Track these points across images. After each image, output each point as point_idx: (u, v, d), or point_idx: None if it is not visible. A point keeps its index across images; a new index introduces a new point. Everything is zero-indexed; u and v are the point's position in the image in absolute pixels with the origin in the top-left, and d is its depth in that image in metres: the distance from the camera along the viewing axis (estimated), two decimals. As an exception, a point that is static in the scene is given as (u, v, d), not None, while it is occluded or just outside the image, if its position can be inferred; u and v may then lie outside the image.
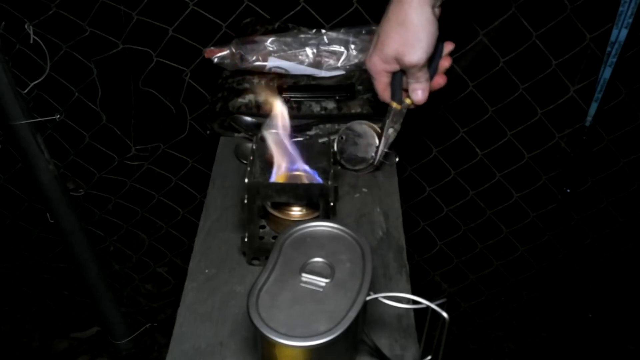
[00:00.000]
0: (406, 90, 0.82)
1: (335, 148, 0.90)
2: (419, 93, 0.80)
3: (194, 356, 0.67)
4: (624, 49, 1.05)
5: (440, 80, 0.82)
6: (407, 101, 0.83)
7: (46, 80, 1.07)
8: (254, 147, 0.76)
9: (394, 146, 0.89)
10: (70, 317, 1.66)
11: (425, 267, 1.56)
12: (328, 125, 0.99)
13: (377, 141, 0.88)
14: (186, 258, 0.82)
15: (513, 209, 1.38)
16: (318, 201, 0.72)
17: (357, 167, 0.91)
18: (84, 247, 1.31)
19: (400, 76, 0.81)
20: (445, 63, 0.81)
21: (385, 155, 0.89)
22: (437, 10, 0.74)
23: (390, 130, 0.85)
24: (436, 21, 0.73)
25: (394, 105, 0.83)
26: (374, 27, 1.07)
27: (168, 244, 1.54)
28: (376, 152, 0.87)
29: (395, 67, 0.78)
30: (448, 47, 0.81)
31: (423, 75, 0.78)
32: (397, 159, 0.94)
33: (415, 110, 0.85)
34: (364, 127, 0.89)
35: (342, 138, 0.90)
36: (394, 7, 0.74)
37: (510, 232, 1.43)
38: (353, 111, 0.99)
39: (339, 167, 0.92)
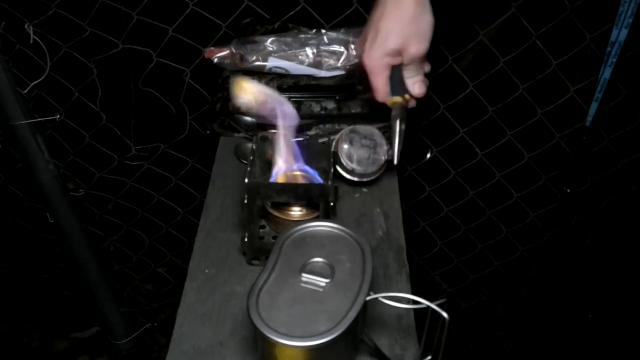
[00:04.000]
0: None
1: (343, 155, 0.86)
2: (419, 85, 0.81)
3: (194, 356, 0.67)
4: (624, 49, 1.05)
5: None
6: (406, 96, 0.82)
7: (46, 80, 1.07)
8: (254, 147, 0.76)
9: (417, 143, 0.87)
10: (70, 317, 1.66)
11: (425, 267, 1.56)
12: (328, 125, 0.99)
13: (384, 141, 0.86)
14: (186, 258, 0.82)
15: (513, 209, 1.38)
16: (318, 201, 0.72)
17: (370, 171, 0.86)
18: (84, 247, 1.31)
19: (398, 70, 0.80)
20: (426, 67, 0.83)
21: (422, 151, 0.87)
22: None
23: (403, 126, 0.82)
24: (430, 9, 0.75)
25: (399, 99, 0.82)
26: (374, 27, 1.07)
27: (168, 244, 1.54)
28: (392, 153, 0.83)
29: (397, 60, 0.78)
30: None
31: (422, 67, 0.80)
32: (431, 153, 0.91)
33: (415, 110, 0.85)
34: (369, 128, 0.87)
35: (349, 142, 0.86)
36: (396, 3, 0.75)
37: (510, 232, 1.43)
38: (353, 111, 0.99)
39: (348, 177, 0.86)
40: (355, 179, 0.87)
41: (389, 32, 0.75)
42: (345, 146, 0.86)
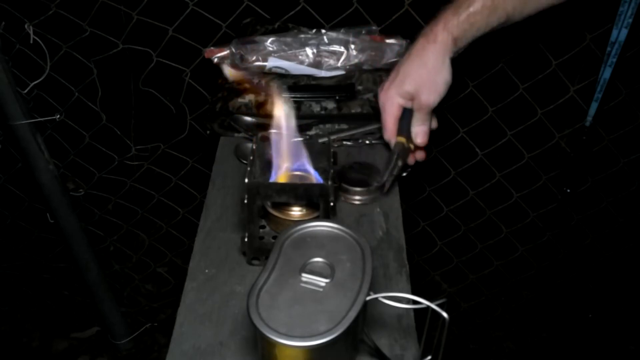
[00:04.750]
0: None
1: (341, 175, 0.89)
2: (422, 135, 0.85)
3: (194, 356, 0.67)
4: (624, 49, 1.05)
5: (421, 156, 0.90)
6: (409, 142, 0.86)
7: (46, 80, 1.07)
8: (254, 147, 0.76)
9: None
10: (70, 317, 1.66)
11: (425, 267, 1.56)
12: (328, 125, 0.99)
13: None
14: (186, 258, 0.82)
15: (513, 209, 1.38)
16: (318, 201, 0.72)
17: (361, 191, 0.88)
18: (84, 247, 1.31)
19: (409, 114, 0.84)
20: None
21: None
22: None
23: (400, 163, 0.86)
24: (451, 70, 0.80)
25: (402, 139, 0.86)
26: (374, 27, 1.07)
27: (168, 244, 1.54)
28: (384, 182, 0.87)
29: (408, 104, 0.83)
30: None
31: (428, 118, 0.84)
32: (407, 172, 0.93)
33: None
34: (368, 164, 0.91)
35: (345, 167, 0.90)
36: (417, 49, 0.81)
37: (510, 232, 1.43)
38: (353, 111, 0.99)
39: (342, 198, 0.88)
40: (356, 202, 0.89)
41: (407, 75, 0.82)
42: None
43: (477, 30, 0.80)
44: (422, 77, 0.81)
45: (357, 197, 0.88)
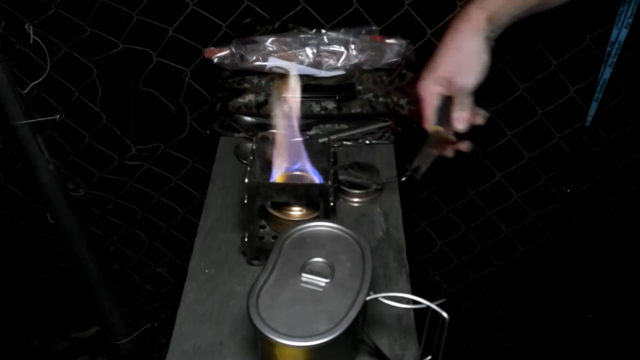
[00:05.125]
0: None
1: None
2: (461, 120, 0.81)
3: (194, 356, 0.67)
4: (624, 49, 1.05)
5: (465, 146, 0.87)
6: (444, 130, 0.82)
7: (46, 80, 1.07)
8: (254, 147, 0.76)
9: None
10: (70, 317, 1.66)
11: (425, 267, 1.56)
12: (328, 125, 0.99)
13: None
14: (186, 258, 0.82)
15: (513, 209, 1.38)
16: (318, 201, 0.72)
17: (360, 193, 0.88)
18: (84, 247, 1.31)
19: (448, 103, 0.80)
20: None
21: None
22: (491, 43, 0.77)
23: (435, 152, 0.83)
24: (488, 51, 0.76)
25: (438, 129, 0.82)
26: (374, 27, 1.07)
27: (168, 244, 1.54)
28: (418, 172, 0.85)
29: (445, 90, 0.79)
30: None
31: (468, 102, 0.80)
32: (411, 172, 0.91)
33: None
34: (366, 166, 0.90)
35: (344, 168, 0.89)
36: (450, 31, 0.77)
37: (510, 232, 1.43)
38: (353, 111, 0.99)
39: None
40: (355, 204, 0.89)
41: (440, 60, 0.78)
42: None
43: (515, 7, 0.75)
44: (455, 59, 0.77)
45: (356, 200, 0.88)
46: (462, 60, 0.76)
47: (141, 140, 1.33)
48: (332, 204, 0.70)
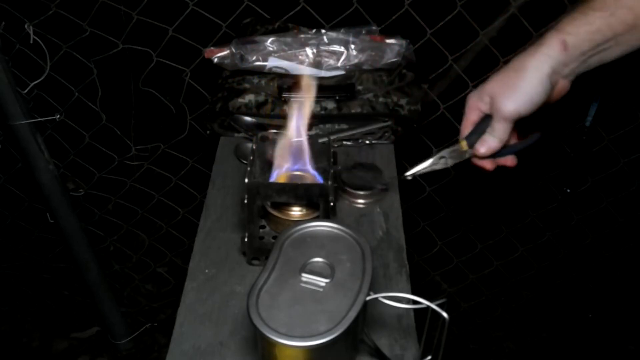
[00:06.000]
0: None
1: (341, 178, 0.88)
2: (484, 145, 0.74)
3: (194, 356, 0.67)
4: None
5: (512, 161, 0.79)
6: (470, 149, 0.77)
7: (46, 80, 1.07)
8: (254, 147, 0.76)
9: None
10: (70, 317, 1.66)
11: (425, 267, 1.56)
12: (328, 125, 0.99)
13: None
14: (186, 258, 0.82)
15: (513, 209, 1.38)
16: (318, 201, 0.72)
17: (364, 194, 0.87)
18: (84, 247, 1.31)
19: (487, 124, 0.75)
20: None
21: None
22: (561, 82, 0.70)
23: (442, 160, 0.78)
24: (549, 86, 0.68)
25: (462, 143, 0.77)
26: (374, 27, 1.07)
27: (168, 244, 1.54)
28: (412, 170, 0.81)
29: (486, 108, 0.73)
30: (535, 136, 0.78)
31: (501, 131, 0.73)
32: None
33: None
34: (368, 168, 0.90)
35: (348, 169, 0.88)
36: (519, 56, 0.70)
37: (510, 232, 1.43)
38: (353, 111, 0.99)
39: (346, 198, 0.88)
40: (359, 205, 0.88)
41: (495, 76, 0.72)
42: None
43: (596, 31, 0.65)
44: (507, 78, 0.70)
45: (361, 201, 0.88)
46: (513, 82, 0.69)
47: (141, 140, 1.33)
48: (332, 204, 0.70)
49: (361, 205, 0.88)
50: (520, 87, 0.68)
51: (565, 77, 0.70)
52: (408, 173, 0.80)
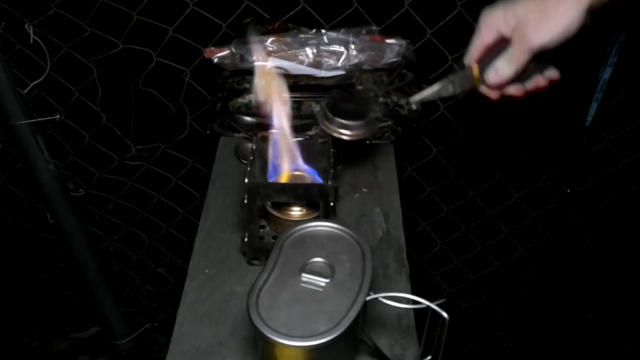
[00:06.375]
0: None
1: (323, 106, 0.77)
2: (498, 74, 0.67)
3: (194, 356, 0.67)
4: (624, 49, 1.05)
5: (520, 90, 0.71)
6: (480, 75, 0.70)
7: (46, 80, 1.07)
8: (254, 147, 0.76)
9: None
10: (70, 317, 1.66)
11: (425, 267, 1.56)
12: (328, 125, 0.99)
13: (378, 101, 0.75)
14: (186, 258, 0.82)
15: (513, 209, 1.38)
16: (318, 201, 0.72)
17: (353, 124, 0.75)
18: (84, 247, 1.31)
19: (501, 50, 0.67)
20: (540, 82, 0.70)
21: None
22: (587, 16, 0.64)
23: (450, 87, 0.72)
24: (582, 23, 0.63)
25: (474, 68, 0.69)
26: (374, 27, 1.07)
27: (168, 244, 1.54)
28: (415, 97, 0.73)
29: (507, 31, 0.66)
30: (552, 73, 0.71)
31: (520, 61, 0.66)
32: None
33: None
34: (360, 89, 0.78)
35: (332, 95, 0.77)
36: None
37: (510, 232, 1.43)
38: (353, 111, 0.99)
39: (329, 131, 0.76)
40: (345, 137, 0.77)
41: (521, 1, 0.64)
42: (329, 99, 0.76)
43: None
44: (542, 6, 0.62)
45: (348, 133, 0.76)
46: (551, 9, 0.62)
47: (141, 140, 1.33)
48: (332, 204, 0.70)
49: (347, 138, 0.76)
50: (558, 17, 0.62)
51: (592, 8, 0.64)
52: (414, 99, 0.73)
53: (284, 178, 0.76)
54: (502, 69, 0.66)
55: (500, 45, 0.67)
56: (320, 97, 0.99)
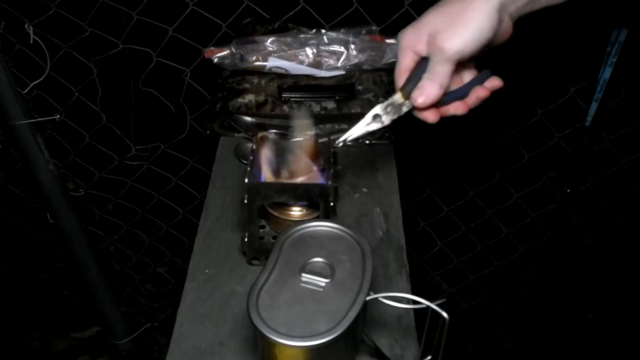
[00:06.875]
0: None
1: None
2: (423, 93, 0.65)
3: (194, 356, 0.67)
4: (624, 49, 1.05)
5: (461, 107, 0.68)
6: (408, 100, 0.68)
7: (46, 80, 1.07)
8: (254, 147, 0.76)
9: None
10: (70, 317, 1.66)
11: (425, 267, 1.56)
12: (328, 125, 0.99)
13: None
14: (186, 258, 0.82)
15: (513, 209, 1.38)
16: (318, 201, 0.72)
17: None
18: (84, 247, 1.31)
19: (424, 68, 0.65)
20: (481, 92, 0.68)
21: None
22: (506, 19, 0.62)
23: (376, 119, 0.70)
24: (496, 26, 0.61)
25: (399, 95, 0.68)
26: (374, 27, 1.07)
27: (168, 244, 1.54)
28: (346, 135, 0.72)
29: (423, 48, 0.64)
30: (494, 81, 0.69)
31: (442, 74, 0.64)
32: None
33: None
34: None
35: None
36: None
37: (510, 232, 1.43)
38: (353, 111, 0.99)
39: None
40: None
41: (430, 12, 0.63)
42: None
43: None
44: (448, 15, 0.61)
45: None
46: (457, 15, 0.60)
47: (141, 140, 1.33)
48: (332, 204, 0.70)
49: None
50: (466, 21, 0.60)
51: (511, 15, 0.63)
52: (340, 140, 0.72)
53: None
54: (427, 86, 0.65)
55: (423, 65, 0.65)
56: (320, 97, 0.99)
